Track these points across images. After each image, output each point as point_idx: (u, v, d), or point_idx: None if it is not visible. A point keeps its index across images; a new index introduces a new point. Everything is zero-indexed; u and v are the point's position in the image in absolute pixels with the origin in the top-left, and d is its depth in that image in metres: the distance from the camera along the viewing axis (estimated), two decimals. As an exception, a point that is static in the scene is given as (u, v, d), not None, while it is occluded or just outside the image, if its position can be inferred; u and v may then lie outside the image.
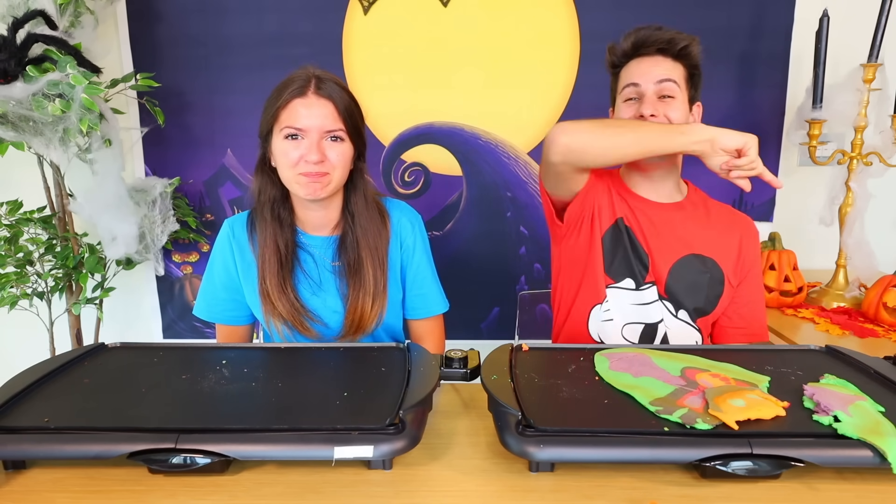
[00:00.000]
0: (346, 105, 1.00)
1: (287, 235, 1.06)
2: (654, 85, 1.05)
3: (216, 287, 1.11)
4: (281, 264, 1.04)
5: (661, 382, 0.76)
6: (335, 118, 0.98)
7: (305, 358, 0.90)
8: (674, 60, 1.06)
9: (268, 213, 1.05)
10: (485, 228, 1.84)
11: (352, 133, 1.01)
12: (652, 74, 1.05)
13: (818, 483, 0.65)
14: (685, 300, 1.10)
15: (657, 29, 1.07)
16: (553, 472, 0.68)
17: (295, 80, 0.99)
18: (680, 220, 1.12)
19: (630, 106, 1.09)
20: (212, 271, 1.11)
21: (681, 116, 1.06)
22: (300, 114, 0.97)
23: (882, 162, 1.48)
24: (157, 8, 1.72)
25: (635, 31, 1.08)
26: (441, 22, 1.72)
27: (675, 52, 1.05)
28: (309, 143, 0.97)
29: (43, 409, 0.72)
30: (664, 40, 1.05)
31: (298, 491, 0.65)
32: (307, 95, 0.97)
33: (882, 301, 1.38)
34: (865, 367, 0.82)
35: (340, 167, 1.01)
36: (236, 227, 1.10)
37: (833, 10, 1.46)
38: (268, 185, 1.06)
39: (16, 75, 1.37)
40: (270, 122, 1.00)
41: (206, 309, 1.12)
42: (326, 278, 1.09)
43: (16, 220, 1.61)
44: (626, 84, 1.08)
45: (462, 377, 0.83)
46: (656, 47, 1.06)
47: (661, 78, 1.05)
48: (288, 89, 0.98)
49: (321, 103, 0.97)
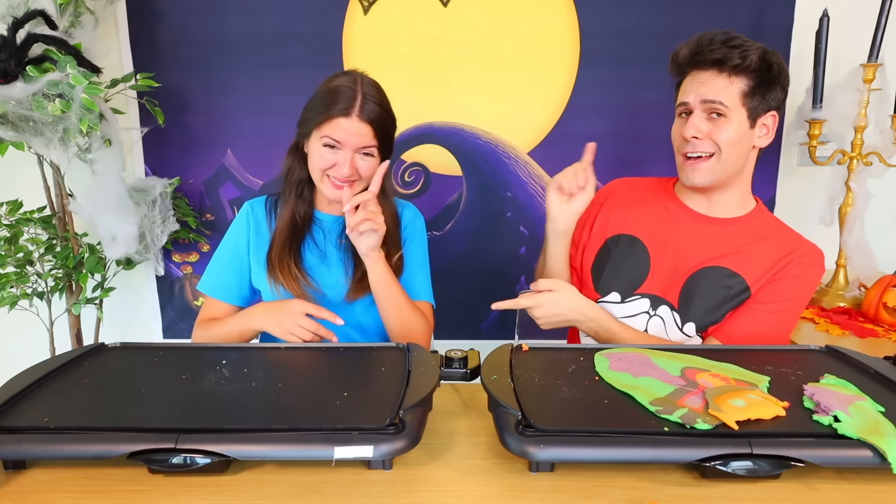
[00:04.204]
0: (383, 125, 1.08)
1: (305, 210, 1.16)
2: (700, 104, 1.02)
3: (222, 262, 1.18)
4: (292, 234, 1.13)
5: (661, 382, 0.76)
6: (371, 137, 1.06)
7: (305, 358, 0.90)
8: (730, 76, 1.00)
9: (293, 192, 1.15)
10: (485, 228, 1.84)
11: (382, 147, 1.09)
12: (699, 93, 1.02)
13: (818, 483, 0.65)
14: (694, 313, 1.07)
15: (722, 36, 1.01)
16: (553, 472, 0.68)
17: (342, 94, 1.04)
18: (724, 234, 1.09)
19: (681, 123, 1.06)
20: (222, 247, 1.19)
21: (733, 136, 1.01)
22: (341, 131, 1.04)
23: (882, 162, 1.48)
24: (157, 8, 1.72)
25: (696, 39, 1.04)
26: (441, 22, 1.72)
27: (730, 69, 1.00)
28: (344, 155, 1.05)
29: (43, 409, 0.72)
30: (714, 60, 1.00)
31: (298, 491, 0.65)
32: (351, 117, 1.03)
33: (882, 301, 1.38)
34: (865, 367, 0.82)
35: (366, 178, 1.09)
36: (256, 207, 1.19)
37: (833, 10, 1.46)
38: (297, 167, 1.14)
39: (16, 75, 1.37)
40: (312, 127, 1.07)
41: (208, 283, 1.19)
42: (331, 252, 1.16)
43: (16, 220, 1.61)
44: (679, 101, 1.07)
45: (462, 377, 0.84)
46: (711, 61, 1.01)
47: (707, 99, 1.01)
48: (335, 105, 1.04)
49: (362, 126, 1.04)
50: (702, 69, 1.03)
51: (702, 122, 1.02)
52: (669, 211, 1.14)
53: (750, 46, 1.00)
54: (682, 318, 1.08)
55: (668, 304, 1.09)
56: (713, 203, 1.11)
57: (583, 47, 1.72)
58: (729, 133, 1.02)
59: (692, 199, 1.13)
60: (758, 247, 1.07)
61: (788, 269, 1.05)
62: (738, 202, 1.11)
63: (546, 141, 1.78)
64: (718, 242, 1.09)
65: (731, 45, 1.00)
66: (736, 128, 1.02)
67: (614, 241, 1.16)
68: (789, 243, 1.07)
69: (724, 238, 1.09)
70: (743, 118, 1.02)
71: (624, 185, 1.23)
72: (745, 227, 1.10)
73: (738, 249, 1.07)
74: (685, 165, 1.06)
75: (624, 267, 1.13)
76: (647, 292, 1.11)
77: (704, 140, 1.02)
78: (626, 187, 1.22)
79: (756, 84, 1.01)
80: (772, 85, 1.02)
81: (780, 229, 1.11)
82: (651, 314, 1.10)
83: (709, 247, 1.09)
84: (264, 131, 1.77)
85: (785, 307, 1.05)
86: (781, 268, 1.05)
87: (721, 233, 1.09)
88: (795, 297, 1.06)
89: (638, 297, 1.11)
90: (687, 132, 1.03)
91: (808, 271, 1.05)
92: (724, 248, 1.08)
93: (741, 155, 1.04)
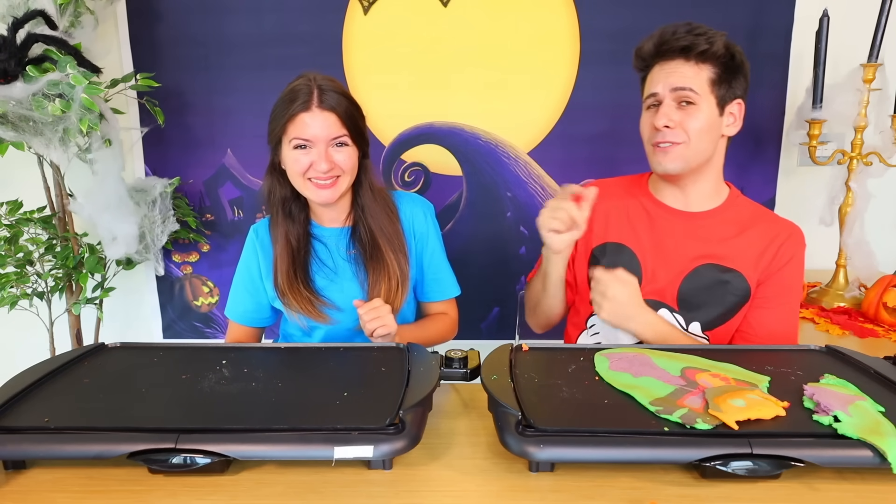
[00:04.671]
0: (348, 113, 1.06)
1: (299, 230, 1.13)
2: (670, 93, 1.02)
3: (240, 291, 1.19)
4: (293, 257, 1.11)
5: (661, 382, 0.76)
6: (339, 126, 1.04)
7: (305, 358, 0.90)
8: (697, 63, 1.01)
9: (279, 212, 1.13)
10: (485, 228, 1.84)
11: (355, 137, 1.07)
12: (668, 82, 1.02)
13: (818, 483, 0.65)
14: (697, 312, 1.08)
15: (684, 27, 1.02)
16: (553, 472, 0.68)
17: (298, 92, 1.04)
18: (707, 228, 1.09)
19: (650, 114, 1.06)
20: (238, 277, 1.20)
21: (702, 124, 1.02)
22: (307, 125, 1.03)
23: (882, 162, 1.48)
24: (157, 8, 1.72)
25: (660, 31, 1.04)
26: (441, 22, 1.72)
27: (696, 55, 1.01)
28: (318, 151, 1.04)
29: (43, 409, 0.72)
30: (680, 47, 1.01)
31: (298, 491, 0.65)
32: (311, 109, 1.03)
33: (882, 301, 1.38)
34: (865, 367, 0.82)
35: (349, 170, 1.07)
36: (260, 231, 1.18)
37: (833, 10, 1.46)
38: (277, 186, 1.12)
39: (16, 75, 1.37)
40: (279, 134, 1.06)
41: (233, 311, 1.21)
42: (342, 266, 1.15)
43: (16, 220, 1.61)
44: (647, 93, 1.06)
45: (462, 377, 0.84)
46: (678, 49, 1.02)
47: (677, 86, 1.01)
48: (294, 103, 1.03)
49: (325, 115, 1.03)
50: (668, 59, 1.03)
51: (672, 111, 1.02)
52: (649, 212, 1.13)
53: (714, 34, 1.01)
54: (686, 319, 1.08)
55: (667, 307, 1.09)
56: (689, 196, 1.10)
57: (583, 47, 1.72)
58: (699, 121, 1.02)
59: (668, 195, 1.12)
60: (743, 237, 1.08)
61: (779, 257, 1.06)
62: (712, 192, 1.11)
63: (546, 141, 1.78)
64: (705, 238, 1.08)
65: (695, 32, 1.00)
66: (706, 115, 1.02)
67: (600, 250, 1.14)
68: (770, 228, 1.08)
69: (710, 232, 1.09)
70: (712, 105, 1.02)
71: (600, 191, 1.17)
72: (725, 215, 1.10)
73: (725, 241, 1.08)
74: (656, 152, 1.05)
75: None
76: (644, 298, 1.08)
77: (676, 129, 1.02)
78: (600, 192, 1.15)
79: (722, 71, 1.02)
80: (737, 73, 1.03)
81: (759, 213, 1.12)
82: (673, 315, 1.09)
83: (697, 244, 1.08)
84: (264, 131, 1.75)
85: (791, 295, 1.08)
86: (772, 257, 1.06)
87: (704, 227, 1.09)
88: (794, 281, 1.09)
89: None
90: (658, 121, 1.02)
91: (795, 252, 1.07)
92: (712, 242, 1.08)
93: (711, 142, 1.05)
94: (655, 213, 1.12)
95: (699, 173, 1.07)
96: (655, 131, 1.04)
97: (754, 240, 1.08)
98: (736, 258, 1.07)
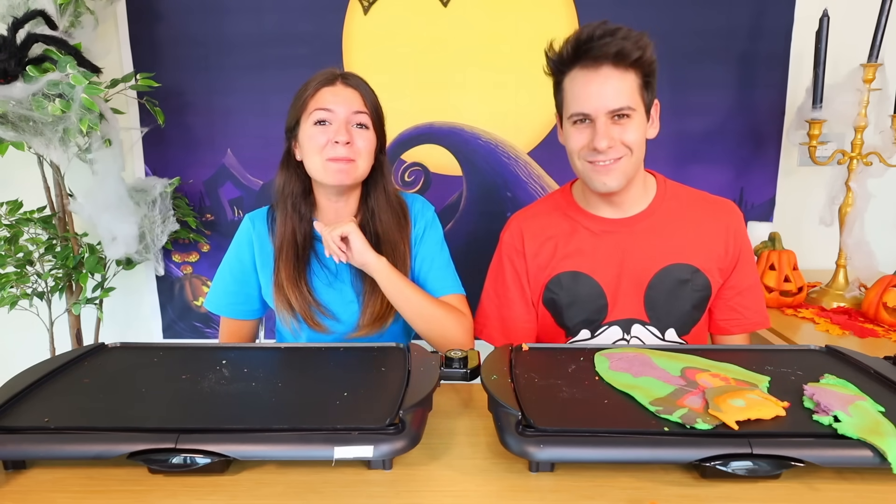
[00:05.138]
0: (371, 97, 1.06)
1: (305, 229, 1.10)
2: (605, 114, 0.96)
3: (227, 280, 1.14)
4: (297, 256, 1.08)
5: (661, 382, 0.76)
6: (361, 103, 1.04)
7: (305, 358, 0.90)
8: (625, 70, 0.95)
9: (289, 206, 1.10)
10: (485, 228, 1.84)
11: (376, 123, 1.07)
12: (603, 102, 0.95)
13: (818, 483, 0.65)
14: (668, 318, 1.06)
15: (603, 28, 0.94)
16: (553, 472, 0.68)
17: (321, 73, 1.05)
18: (649, 230, 1.06)
19: (581, 131, 0.99)
20: (226, 264, 1.15)
21: (638, 135, 0.98)
22: (328, 99, 1.03)
23: (882, 162, 1.48)
24: (157, 8, 1.72)
25: (577, 33, 0.96)
26: (441, 22, 1.72)
27: (626, 64, 0.94)
28: (337, 126, 1.02)
29: (43, 409, 0.72)
30: (611, 54, 0.93)
31: (298, 491, 0.65)
32: (335, 84, 1.04)
33: (882, 301, 1.38)
34: (865, 367, 0.82)
35: (366, 154, 1.05)
36: (257, 221, 1.14)
37: (833, 10, 1.46)
38: (292, 179, 1.10)
39: (16, 75, 1.37)
40: (299, 112, 1.05)
41: (214, 301, 1.15)
42: (342, 269, 1.12)
43: (16, 220, 1.61)
44: (575, 111, 0.99)
45: (462, 377, 0.83)
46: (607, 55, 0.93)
47: (614, 109, 0.95)
48: (316, 80, 1.04)
49: (348, 91, 1.04)
50: (593, 66, 0.95)
51: (609, 129, 0.96)
52: (591, 230, 1.08)
53: (641, 37, 0.95)
54: (660, 328, 1.07)
55: (638, 322, 1.07)
56: (623, 202, 1.07)
57: (583, 47, 1.72)
58: (636, 133, 0.97)
59: (601, 206, 1.08)
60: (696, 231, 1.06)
61: (737, 242, 1.07)
62: (641, 191, 1.08)
63: (546, 141, 1.78)
64: (653, 242, 1.06)
65: (622, 36, 0.93)
66: (639, 125, 0.98)
67: (555, 282, 1.09)
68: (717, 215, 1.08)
69: (655, 233, 1.06)
70: (642, 113, 0.99)
71: (529, 222, 1.14)
72: (662, 209, 1.08)
73: (674, 237, 1.06)
74: (596, 172, 1.00)
75: (581, 304, 1.08)
76: (615, 319, 1.07)
77: (616, 146, 0.97)
78: (531, 223, 1.14)
79: (647, 76, 0.98)
80: (655, 75, 0.99)
81: (693, 197, 1.10)
82: (627, 339, 1.07)
83: (649, 250, 1.06)
84: (264, 131, 1.77)
85: (756, 271, 1.13)
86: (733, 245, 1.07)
87: (648, 229, 1.06)
88: (752, 257, 1.12)
89: (606, 327, 1.08)
90: (600, 143, 0.96)
91: (742, 229, 1.09)
92: (661, 243, 1.06)
93: (643, 151, 1.02)
94: (597, 229, 1.08)
95: (632, 181, 1.04)
96: (591, 151, 0.99)
97: (712, 231, 1.06)
98: (691, 251, 1.06)
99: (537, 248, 1.11)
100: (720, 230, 1.07)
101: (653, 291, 1.06)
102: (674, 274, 1.06)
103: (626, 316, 1.07)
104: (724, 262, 1.08)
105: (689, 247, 1.06)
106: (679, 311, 1.06)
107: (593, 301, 1.07)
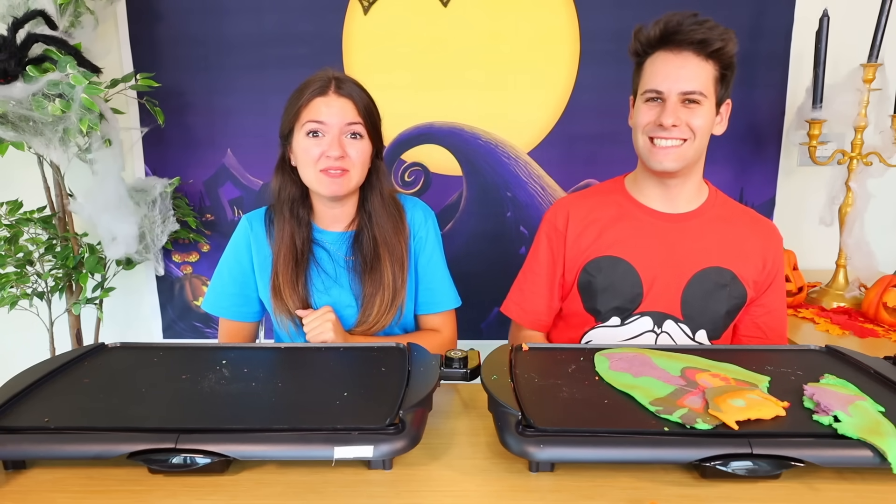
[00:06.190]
0: (365, 104, 1.04)
1: (304, 233, 1.10)
2: (679, 95, 0.99)
3: (225, 281, 1.14)
4: (296, 261, 1.08)
5: (661, 382, 0.76)
6: (354, 113, 1.02)
7: (305, 358, 0.90)
8: (705, 60, 0.98)
9: (286, 211, 1.09)
10: (485, 228, 1.84)
11: (370, 130, 1.05)
12: (678, 83, 0.98)
13: (818, 483, 0.65)
14: (702, 319, 1.06)
15: (692, 18, 0.97)
16: (553, 472, 0.68)
17: (315, 80, 1.03)
18: (696, 229, 1.08)
19: (651, 108, 1.02)
20: (223, 265, 1.14)
21: (705, 123, 1.00)
22: (321, 110, 1.01)
23: (882, 162, 1.48)
24: (157, 8, 1.72)
25: (666, 18, 0.99)
26: (441, 22, 1.72)
27: (707, 53, 0.98)
28: (330, 138, 1.01)
29: (43, 409, 0.72)
30: (695, 41, 0.96)
31: (298, 491, 0.65)
32: (328, 94, 1.02)
33: (882, 301, 1.38)
34: (865, 367, 0.82)
35: (360, 164, 1.04)
36: (254, 223, 1.13)
37: (833, 10, 1.46)
38: (287, 183, 1.09)
39: (16, 75, 1.37)
40: (292, 121, 1.04)
41: (213, 303, 1.15)
42: (341, 273, 1.11)
43: (16, 220, 1.61)
44: (649, 87, 1.02)
45: (462, 377, 0.83)
46: (691, 42, 0.97)
47: (686, 91, 0.98)
48: (309, 89, 1.02)
49: (341, 101, 1.02)
50: (676, 50, 0.98)
51: (678, 109, 0.99)
52: (639, 218, 1.10)
53: (726, 32, 0.98)
54: (692, 328, 1.07)
55: (671, 318, 1.07)
56: (675, 196, 1.08)
57: (583, 47, 1.72)
58: (703, 119, 1.00)
59: (653, 197, 1.10)
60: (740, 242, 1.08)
61: (776, 262, 1.09)
62: (696, 191, 1.10)
63: (546, 141, 1.78)
64: (698, 241, 1.07)
65: (708, 26, 0.97)
66: (708, 114, 1.01)
67: (594, 265, 1.09)
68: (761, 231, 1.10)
69: (701, 234, 1.08)
70: (712, 105, 1.01)
71: (576, 204, 1.15)
72: (711, 214, 1.09)
73: (722, 245, 1.07)
74: (655, 150, 1.02)
75: (616, 290, 1.08)
76: (648, 310, 1.07)
77: (681, 127, 1.00)
78: (579, 206, 1.14)
79: (725, 71, 1.00)
80: (733, 74, 1.02)
81: (739, 211, 1.12)
82: (657, 332, 1.07)
83: (694, 249, 1.07)
84: (264, 131, 1.77)
85: (784, 297, 1.14)
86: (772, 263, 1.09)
87: (694, 228, 1.08)
88: (784, 282, 1.14)
89: (638, 317, 1.08)
90: (666, 120, 0.99)
91: (781, 253, 1.12)
92: (706, 244, 1.07)
93: (706, 141, 1.04)
94: (645, 219, 1.09)
95: (688, 172, 1.06)
96: (657, 127, 1.01)
97: (754, 246, 1.08)
98: (731, 258, 1.07)
99: (581, 231, 1.12)
100: (761, 246, 1.09)
101: (691, 290, 1.06)
102: (713, 277, 1.06)
103: (660, 309, 1.07)
104: (760, 277, 1.08)
105: (731, 254, 1.07)
106: (713, 313, 1.07)
107: (629, 289, 1.08)
